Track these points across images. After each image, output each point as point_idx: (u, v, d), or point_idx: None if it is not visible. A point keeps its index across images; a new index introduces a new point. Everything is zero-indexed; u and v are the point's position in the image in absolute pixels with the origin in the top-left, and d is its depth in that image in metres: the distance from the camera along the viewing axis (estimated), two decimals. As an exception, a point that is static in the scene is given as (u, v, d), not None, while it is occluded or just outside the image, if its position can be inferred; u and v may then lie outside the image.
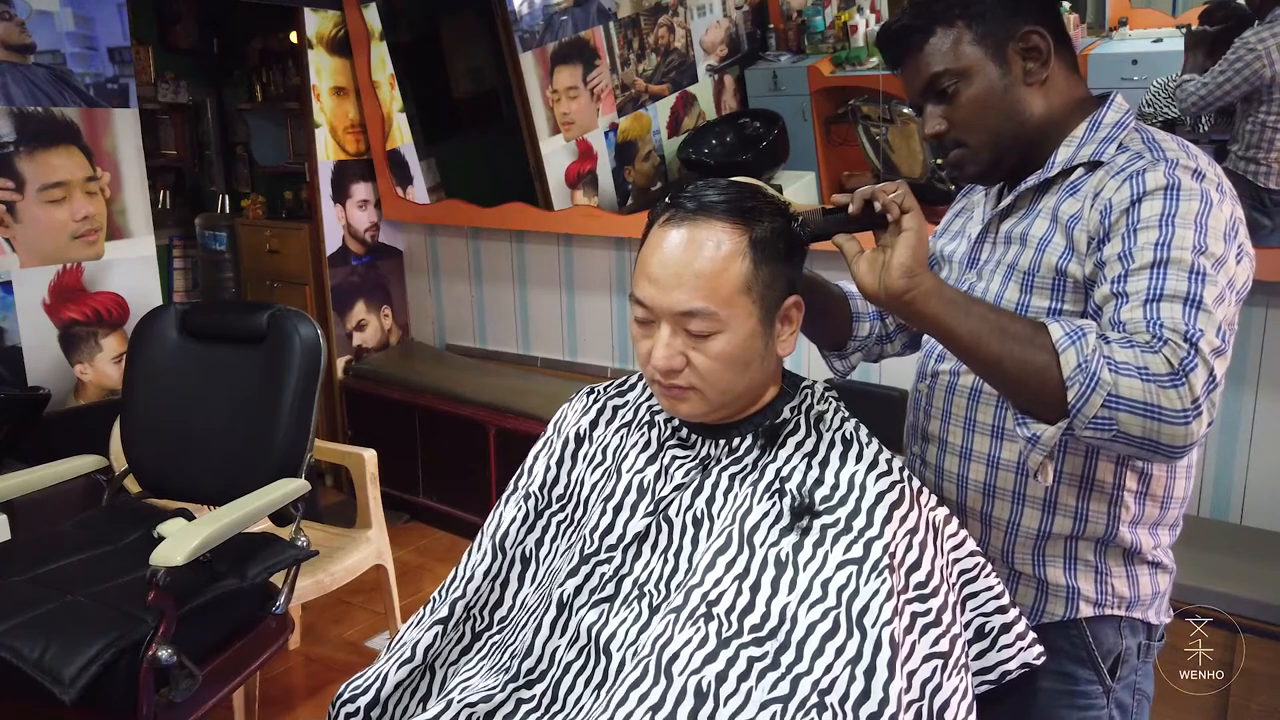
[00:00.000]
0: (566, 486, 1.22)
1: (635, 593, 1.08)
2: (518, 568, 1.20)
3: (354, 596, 2.90)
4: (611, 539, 1.13)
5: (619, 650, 1.05)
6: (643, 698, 0.96)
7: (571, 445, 1.25)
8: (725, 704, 0.95)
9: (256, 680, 2.29)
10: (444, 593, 1.20)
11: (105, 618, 1.69)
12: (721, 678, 0.96)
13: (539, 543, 1.20)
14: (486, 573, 1.20)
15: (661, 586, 1.07)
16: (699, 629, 0.99)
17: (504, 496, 1.28)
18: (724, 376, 1.06)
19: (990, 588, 1.11)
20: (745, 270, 1.04)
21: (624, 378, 1.30)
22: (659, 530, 1.12)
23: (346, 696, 1.13)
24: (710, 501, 1.10)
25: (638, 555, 1.11)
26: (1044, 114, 1.14)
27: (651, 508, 1.12)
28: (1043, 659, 1.12)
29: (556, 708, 1.06)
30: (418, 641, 1.16)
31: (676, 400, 1.09)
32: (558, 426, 1.28)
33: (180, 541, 1.69)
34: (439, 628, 1.17)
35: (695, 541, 1.08)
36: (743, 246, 1.04)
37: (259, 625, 1.94)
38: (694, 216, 1.05)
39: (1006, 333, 0.98)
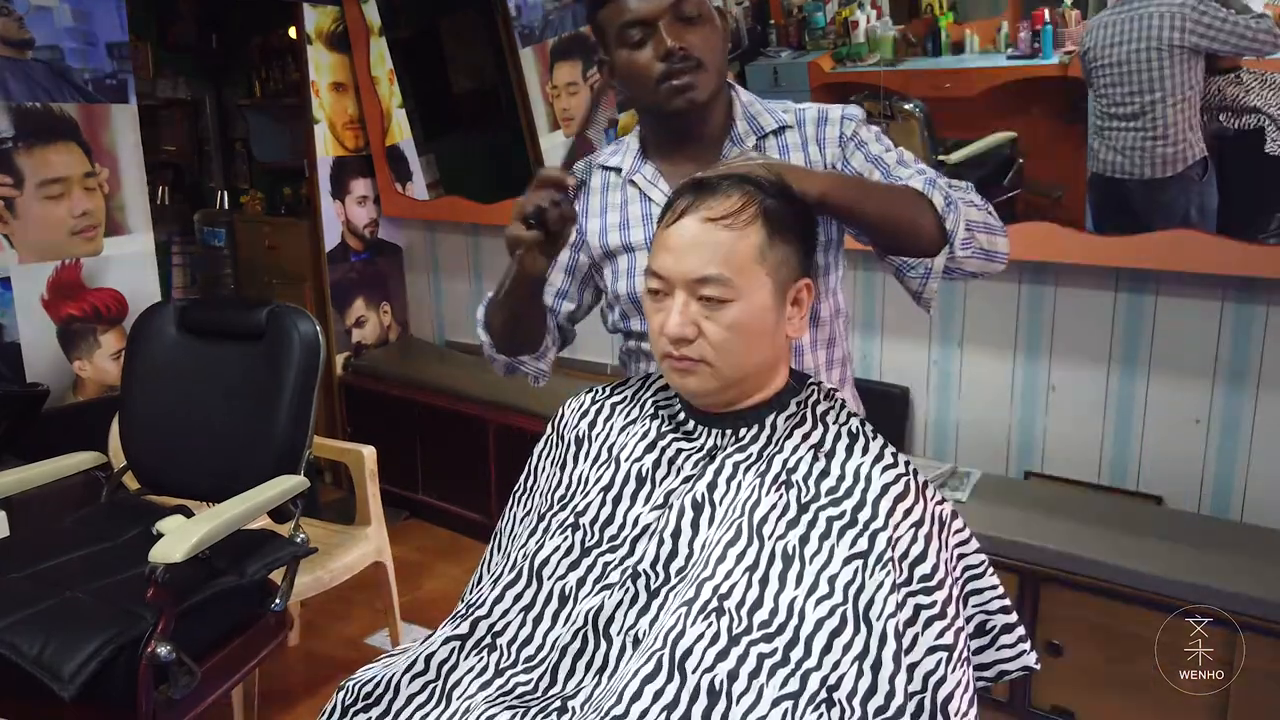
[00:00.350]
0: (619, 526, 1.15)
1: (631, 573, 1.08)
2: (554, 604, 1.11)
3: (353, 593, 2.89)
4: (612, 529, 1.12)
5: (619, 635, 1.05)
6: (657, 694, 0.96)
7: (607, 468, 1.19)
8: (738, 702, 0.95)
9: (255, 677, 2.29)
10: (468, 608, 1.15)
11: (104, 614, 1.69)
12: (733, 675, 0.96)
13: (580, 582, 1.11)
14: (518, 598, 1.13)
15: (660, 569, 1.07)
16: (710, 624, 0.99)
17: (521, 501, 1.27)
18: (735, 348, 1.07)
19: (994, 586, 1.12)
20: (759, 240, 1.07)
21: (621, 380, 1.30)
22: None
23: (360, 708, 1.08)
24: (712, 487, 1.09)
25: (637, 542, 1.11)
26: (723, 93, 1.33)
27: (661, 500, 1.12)
28: (1039, 666, 1.15)
29: (555, 690, 1.06)
30: (432, 654, 1.11)
31: (685, 374, 1.09)
32: (559, 430, 1.27)
33: (179, 538, 1.69)
34: (456, 643, 1.12)
35: (696, 526, 1.08)
36: (756, 216, 1.07)
37: (258, 622, 1.93)
38: (711, 191, 1.09)
39: (892, 196, 1.22)
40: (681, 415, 1.17)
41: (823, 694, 0.96)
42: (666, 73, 1.24)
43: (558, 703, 1.03)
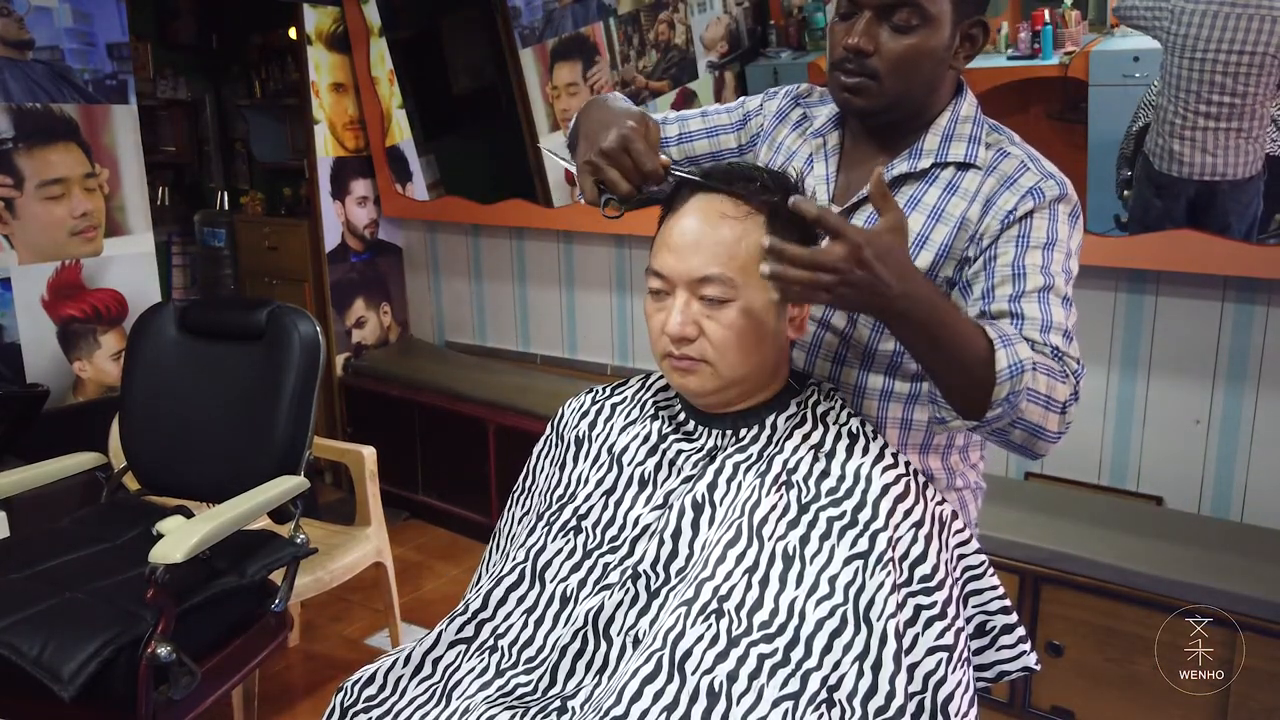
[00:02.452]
0: (619, 527, 1.15)
1: (631, 574, 1.08)
2: (555, 606, 1.11)
3: (353, 594, 2.90)
4: (613, 530, 1.12)
5: (619, 635, 1.05)
6: (657, 695, 0.96)
7: (605, 468, 1.19)
8: (738, 703, 0.95)
9: (255, 678, 2.28)
10: (468, 608, 1.14)
11: (104, 615, 1.69)
12: (733, 676, 0.96)
13: (581, 584, 1.11)
14: (520, 600, 1.13)
15: (660, 570, 1.07)
16: (710, 625, 0.99)
17: (520, 501, 1.27)
18: (736, 348, 1.07)
19: (994, 587, 1.12)
20: (762, 240, 1.04)
21: (621, 380, 1.30)
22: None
23: (361, 708, 1.08)
24: (712, 487, 1.09)
25: (637, 542, 1.11)
26: (937, 99, 1.18)
27: (661, 501, 1.12)
28: (1040, 666, 1.14)
29: (555, 690, 1.06)
30: (439, 658, 1.11)
31: (685, 374, 1.09)
32: (558, 430, 1.27)
33: (179, 539, 1.69)
34: (463, 647, 1.12)
35: (696, 526, 1.08)
36: (760, 217, 1.06)
37: (258, 623, 1.93)
38: (714, 190, 1.08)
39: (958, 354, 1.00)
40: (682, 415, 1.18)
41: (823, 694, 0.96)
42: (841, 63, 1.15)
43: (557, 703, 1.03)
